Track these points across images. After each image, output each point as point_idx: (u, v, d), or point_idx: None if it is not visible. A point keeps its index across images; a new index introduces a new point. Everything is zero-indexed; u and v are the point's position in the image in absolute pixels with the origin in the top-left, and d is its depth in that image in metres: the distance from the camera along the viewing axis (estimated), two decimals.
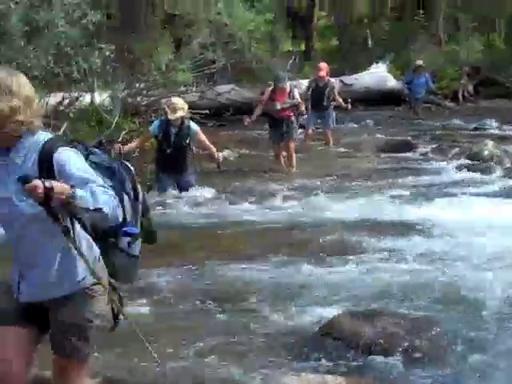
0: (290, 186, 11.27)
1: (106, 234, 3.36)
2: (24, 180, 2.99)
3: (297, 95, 12.92)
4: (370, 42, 30.73)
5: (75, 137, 13.24)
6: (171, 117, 9.75)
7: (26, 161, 3.20)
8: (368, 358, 5.10)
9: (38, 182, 2.96)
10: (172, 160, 9.95)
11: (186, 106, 10.12)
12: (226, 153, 12.85)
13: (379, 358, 5.07)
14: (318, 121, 15.41)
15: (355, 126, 19.15)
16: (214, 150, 10.57)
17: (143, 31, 16.53)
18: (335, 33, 33.35)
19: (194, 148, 10.31)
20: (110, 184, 3.30)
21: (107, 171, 3.37)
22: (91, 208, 3.05)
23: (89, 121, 14.62)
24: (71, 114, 14.46)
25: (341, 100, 15.71)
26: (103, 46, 13.44)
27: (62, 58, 13.20)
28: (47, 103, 13.63)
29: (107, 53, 13.43)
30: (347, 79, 23.36)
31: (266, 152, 13.95)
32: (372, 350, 5.16)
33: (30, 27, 13.07)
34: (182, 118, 9.88)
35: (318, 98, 15.04)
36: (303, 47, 34.75)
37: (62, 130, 13.26)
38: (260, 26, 17.73)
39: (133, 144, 10.56)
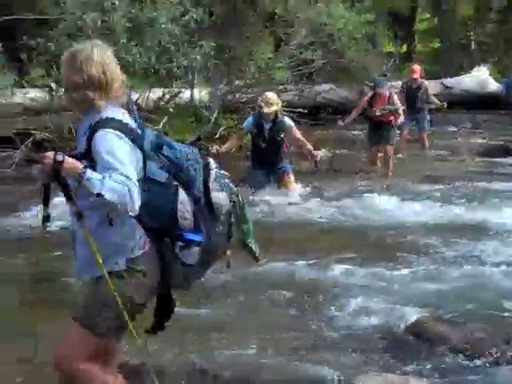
0: (379, 188, 11.16)
1: (162, 232, 3.39)
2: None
3: (396, 101, 12.73)
4: (473, 45, 30.26)
5: (173, 132, 13.69)
6: (266, 110, 9.71)
7: (84, 134, 3.31)
8: (454, 361, 5.03)
9: (48, 154, 3.08)
10: (266, 155, 9.92)
11: (280, 102, 10.15)
12: (320, 152, 12.79)
13: (465, 362, 5.00)
14: (413, 123, 15.14)
15: (452, 129, 18.90)
16: (310, 146, 10.47)
17: (244, 29, 16.67)
18: (438, 35, 32.93)
19: (287, 146, 10.25)
20: (168, 181, 3.35)
21: (175, 167, 3.39)
22: (94, 192, 3.05)
23: (187, 116, 14.85)
24: (171, 109, 14.75)
25: (437, 101, 15.58)
26: (203, 43, 13.61)
27: (163, 54, 13.43)
28: (147, 98, 13.95)
29: (207, 50, 13.59)
30: (447, 82, 23.10)
31: (359, 153, 13.91)
32: (458, 353, 5.09)
33: (133, 24, 13.36)
34: (276, 112, 9.86)
35: (411, 100, 14.88)
36: (404, 48, 34.55)
37: (160, 125, 13.54)
38: (359, 27, 17.60)
39: (229, 143, 10.45)
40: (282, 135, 9.94)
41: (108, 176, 3.09)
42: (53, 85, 13.62)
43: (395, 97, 12.83)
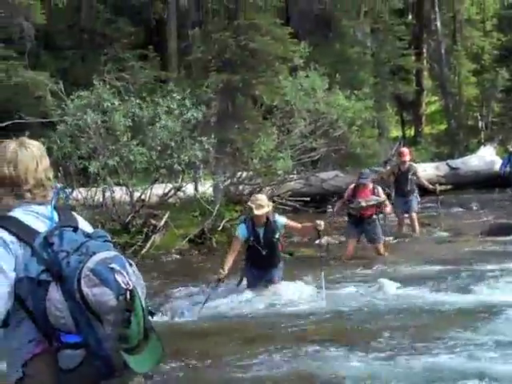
0: (380, 273, 11.14)
1: (49, 336, 3.13)
2: None
3: (381, 193, 12.70)
4: (480, 125, 30.56)
5: (176, 226, 13.83)
6: (257, 212, 9.42)
7: None
8: None
9: None
10: (265, 259, 9.73)
11: (271, 204, 9.95)
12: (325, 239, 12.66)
13: None
14: (405, 206, 15.04)
15: (460, 209, 18.94)
16: (308, 225, 10.23)
17: (244, 122, 16.99)
18: (444, 117, 33.32)
19: (282, 245, 10.10)
20: (38, 277, 3.08)
21: (52, 261, 3.11)
22: None
23: (191, 210, 15.01)
24: (175, 204, 14.94)
25: (427, 183, 15.71)
26: (203, 139, 13.88)
27: (164, 151, 13.70)
28: (150, 194, 14.17)
29: (207, 146, 13.85)
30: (453, 163, 23.27)
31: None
32: None
33: (134, 123, 13.68)
34: (267, 214, 9.57)
35: (402, 182, 15.02)
36: (412, 132, 34.98)
37: (163, 220, 13.70)
38: (359, 113, 17.87)
39: (228, 260, 9.60)
40: (277, 236, 9.75)
41: None
42: (59, 185, 13.85)
43: (379, 188, 12.84)
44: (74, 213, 3.49)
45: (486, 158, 23.68)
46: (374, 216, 12.62)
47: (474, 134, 30.64)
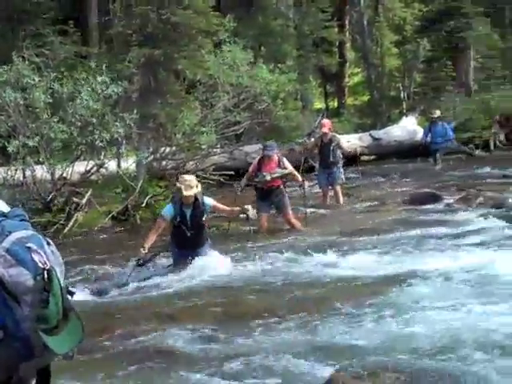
0: (304, 244, 11.24)
1: None
2: None
3: (287, 164, 12.61)
4: (402, 95, 30.94)
5: (100, 203, 13.73)
6: (186, 193, 9.37)
7: None
8: None
9: None
10: (191, 239, 9.66)
11: (200, 185, 9.83)
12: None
13: None
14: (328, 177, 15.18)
15: (382, 179, 19.20)
16: (237, 208, 10.44)
17: (167, 97, 16.90)
18: (367, 88, 33.64)
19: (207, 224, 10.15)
20: None
21: None
22: None
23: (114, 187, 14.90)
24: (98, 181, 14.81)
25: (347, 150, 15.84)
26: (125, 115, 13.76)
27: (85, 128, 13.54)
28: (71, 172, 14.01)
29: (129, 121, 13.73)
30: (376, 134, 23.59)
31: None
32: None
33: (54, 99, 13.48)
34: (196, 195, 9.51)
35: (324, 154, 15.11)
36: (335, 103, 35.26)
37: (86, 198, 13.58)
38: (283, 86, 17.93)
39: (150, 238, 9.62)
40: (204, 217, 9.72)
41: None
42: None
43: (285, 160, 12.74)
44: None
45: (407, 127, 24.07)
46: (281, 187, 12.56)
47: (396, 104, 30.99)
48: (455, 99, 26.60)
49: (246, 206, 10.29)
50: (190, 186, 9.42)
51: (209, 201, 9.82)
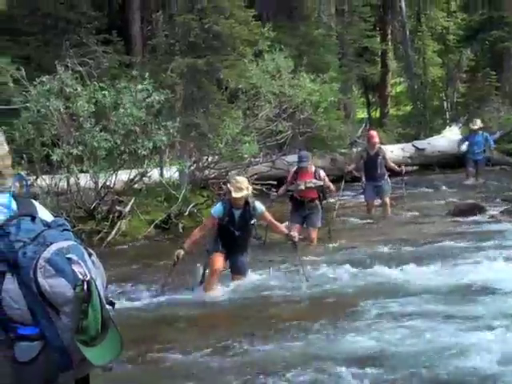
0: (348, 255, 11.23)
1: (3, 330, 3.08)
2: None
3: (323, 176, 12.48)
4: (445, 106, 30.69)
5: (142, 212, 13.74)
6: (235, 195, 9.26)
7: None
8: None
9: None
10: (236, 242, 9.49)
11: (250, 187, 9.67)
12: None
13: None
14: (376, 190, 15.05)
15: (425, 190, 19.05)
16: (284, 229, 10.28)
17: (209, 106, 16.90)
18: (410, 98, 33.43)
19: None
20: (2, 269, 3.06)
21: (8, 251, 3.10)
22: None
23: (157, 196, 14.92)
24: (141, 190, 14.84)
25: (393, 165, 15.43)
26: (168, 123, 13.77)
27: (128, 136, 13.57)
28: (115, 180, 14.04)
29: (172, 130, 13.74)
30: (419, 144, 23.42)
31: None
32: None
33: (97, 108, 13.53)
34: (246, 197, 9.41)
35: (371, 166, 14.90)
36: (377, 113, 35.09)
37: (129, 206, 13.61)
38: (326, 96, 17.84)
39: (194, 234, 9.59)
40: (253, 221, 9.58)
41: None
42: (22, 173, 13.68)
43: (321, 171, 12.61)
44: (33, 201, 3.45)
45: (451, 138, 23.83)
46: (316, 202, 12.44)
47: (439, 114, 30.75)
48: (499, 109, 26.31)
49: (292, 233, 10.16)
50: (241, 188, 9.27)
51: (260, 207, 9.65)
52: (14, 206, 3.30)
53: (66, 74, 13.70)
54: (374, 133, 15.69)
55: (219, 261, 9.47)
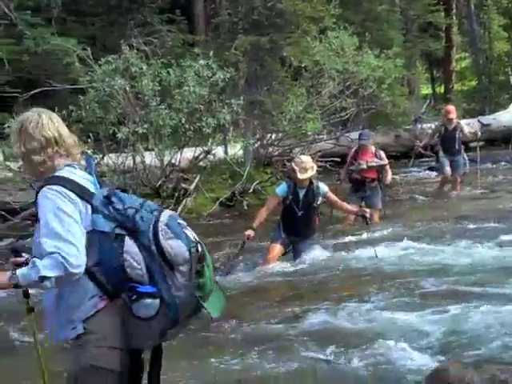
0: (408, 231, 11.16)
1: (116, 286, 3.34)
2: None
3: (383, 156, 12.27)
4: (511, 81, 30.17)
5: (207, 189, 13.86)
6: (301, 176, 9.20)
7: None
8: None
9: None
10: (300, 223, 9.45)
11: (315, 166, 9.60)
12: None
13: None
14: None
15: (492, 166, 18.78)
16: (352, 208, 10.23)
17: (273, 84, 16.89)
18: (475, 73, 32.93)
19: (319, 217, 9.84)
20: (113, 231, 3.32)
21: (122, 217, 3.36)
22: (36, 280, 3.16)
23: (221, 173, 15.03)
24: (205, 167, 14.96)
25: (470, 136, 15.33)
26: (232, 101, 13.81)
27: (192, 114, 13.65)
28: (180, 158, 14.17)
29: (236, 108, 13.77)
30: (485, 119, 23.09)
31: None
32: None
33: (162, 86, 13.64)
34: (311, 177, 9.37)
35: (449, 141, 14.69)
36: (442, 89, 34.63)
37: (194, 184, 13.73)
38: (389, 72, 17.68)
39: (260, 215, 9.47)
40: (317, 202, 9.49)
41: (33, 260, 3.21)
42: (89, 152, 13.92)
43: (382, 152, 12.41)
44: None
45: None
46: (376, 182, 12.25)
47: (504, 89, 30.27)
48: None
49: (364, 209, 10.10)
50: (306, 168, 9.23)
51: (324, 187, 9.59)
52: (96, 181, 3.56)
53: (130, 54, 13.82)
54: (451, 108, 15.41)
55: (275, 250, 9.49)
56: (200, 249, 3.37)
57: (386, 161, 12.31)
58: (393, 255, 9.62)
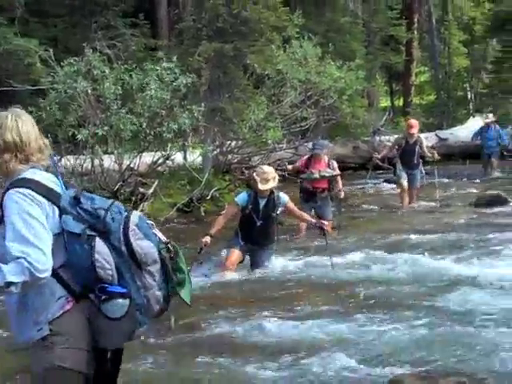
0: (363, 242, 11.24)
1: (85, 287, 3.33)
2: None
3: (336, 167, 12.27)
4: (469, 96, 30.57)
5: (165, 195, 13.84)
6: (262, 187, 9.15)
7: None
8: None
9: None
10: (258, 232, 9.38)
11: (277, 177, 9.56)
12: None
13: None
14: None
15: (448, 180, 18.98)
16: (310, 218, 10.29)
17: (235, 91, 16.91)
18: (434, 87, 33.32)
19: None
20: (83, 232, 3.29)
21: (92, 218, 3.34)
22: (2, 285, 3.13)
23: (180, 179, 15.02)
24: (164, 173, 14.94)
25: (429, 154, 15.21)
26: (193, 107, 13.81)
27: (153, 119, 13.64)
28: (139, 162, 14.14)
29: (196, 114, 13.78)
30: (442, 134, 23.39)
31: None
32: None
33: (124, 90, 13.61)
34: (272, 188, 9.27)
35: (409, 155, 14.78)
36: (401, 102, 34.99)
37: (152, 189, 13.71)
38: (351, 84, 17.84)
39: (218, 223, 9.42)
40: (277, 212, 9.48)
41: (2, 265, 3.16)
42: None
43: (334, 162, 12.40)
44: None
45: (474, 128, 23.68)
46: (327, 193, 12.21)
47: (463, 104, 30.66)
48: None
49: (322, 221, 10.14)
50: (267, 179, 9.19)
51: (284, 197, 9.57)
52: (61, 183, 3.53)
53: (93, 56, 13.77)
54: (414, 122, 15.44)
55: (234, 256, 9.47)
56: (171, 248, 3.40)
57: (338, 171, 12.29)
58: (348, 266, 9.68)
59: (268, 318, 7.41)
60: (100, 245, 3.30)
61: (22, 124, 3.42)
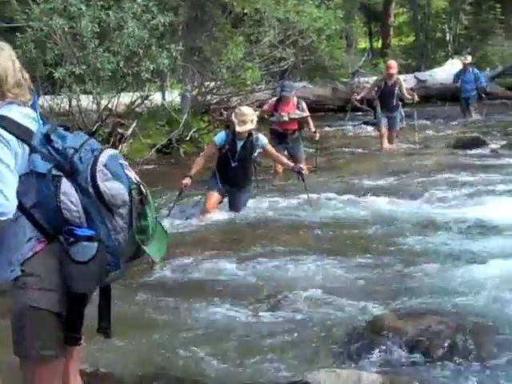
0: (343, 185, 11.27)
1: (54, 229, 3.22)
2: None
3: (305, 108, 12.17)
4: (448, 38, 30.43)
5: (144, 135, 13.72)
6: (239, 129, 9.09)
7: None
8: (407, 355, 5.02)
9: None
10: (235, 173, 9.36)
11: (256, 117, 9.46)
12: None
13: (420, 357, 5.00)
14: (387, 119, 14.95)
15: (427, 122, 18.98)
16: (288, 162, 10.26)
17: (213, 31, 16.69)
18: (412, 29, 33.12)
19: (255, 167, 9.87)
20: (49, 172, 3.16)
21: (60, 157, 3.20)
22: None
23: (159, 120, 14.87)
24: (142, 113, 14.78)
25: (408, 95, 15.19)
26: (171, 46, 13.59)
27: (131, 58, 13.42)
28: (117, 102, 13.96)
29: (175, 53, 13.57)
30: (421, 75, 23.30)
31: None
32: (414, 348, 5.08)
33: (101, 28, 13.36)
34: (250, 130, 9.24)
35: (387, 97, 14.73)
36: (379, 43, 34.79)
37: (130, 129, 13.56)
38: (330, 23, 17.62)
39: (197, 163, 9.48)
40: (254, 154, 9.47)
41: None
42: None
43: (303, 103, 12.28)
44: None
45: (452, 70, 23.61)
46: (297, 133, 12.20)
47: (441, 46, 30.53)
48: (503, 43, 26.09)
49: (300, 165, 10.17)
50: (245, 121, 9.10)
51: (263, 140, 9.53)
52: (40, 119, 3.36)
53: None
54: (393, 63, 15.34)
55: (213, 199, 9.45)
56: (143, 190, 3.25)
57: (307, 112, 12.20)
58: (324, 206, 9.74)
59: (248, 257, 7.45)
60: (66, 186, 3.17)
61: (1, 59, 3.25)
